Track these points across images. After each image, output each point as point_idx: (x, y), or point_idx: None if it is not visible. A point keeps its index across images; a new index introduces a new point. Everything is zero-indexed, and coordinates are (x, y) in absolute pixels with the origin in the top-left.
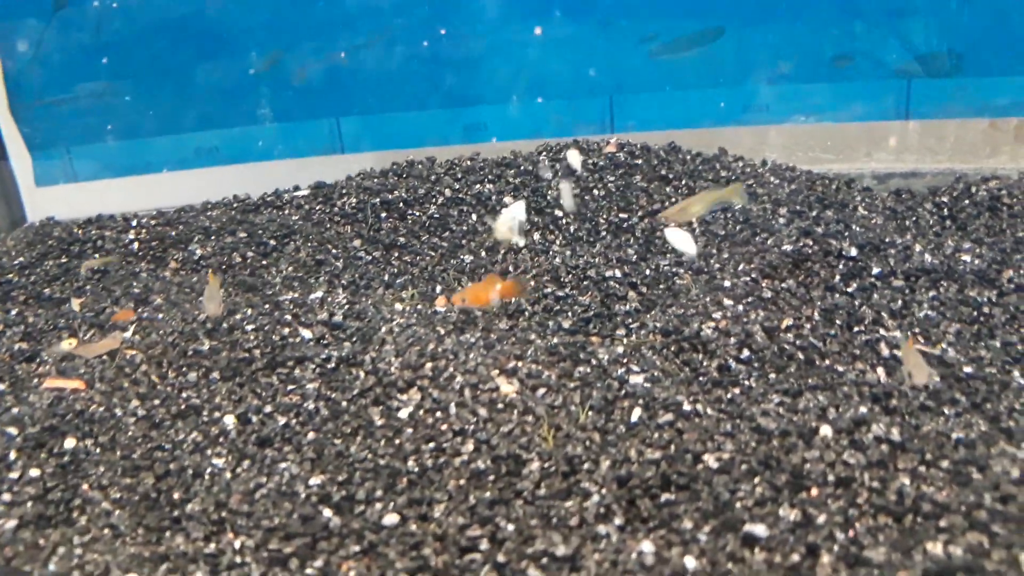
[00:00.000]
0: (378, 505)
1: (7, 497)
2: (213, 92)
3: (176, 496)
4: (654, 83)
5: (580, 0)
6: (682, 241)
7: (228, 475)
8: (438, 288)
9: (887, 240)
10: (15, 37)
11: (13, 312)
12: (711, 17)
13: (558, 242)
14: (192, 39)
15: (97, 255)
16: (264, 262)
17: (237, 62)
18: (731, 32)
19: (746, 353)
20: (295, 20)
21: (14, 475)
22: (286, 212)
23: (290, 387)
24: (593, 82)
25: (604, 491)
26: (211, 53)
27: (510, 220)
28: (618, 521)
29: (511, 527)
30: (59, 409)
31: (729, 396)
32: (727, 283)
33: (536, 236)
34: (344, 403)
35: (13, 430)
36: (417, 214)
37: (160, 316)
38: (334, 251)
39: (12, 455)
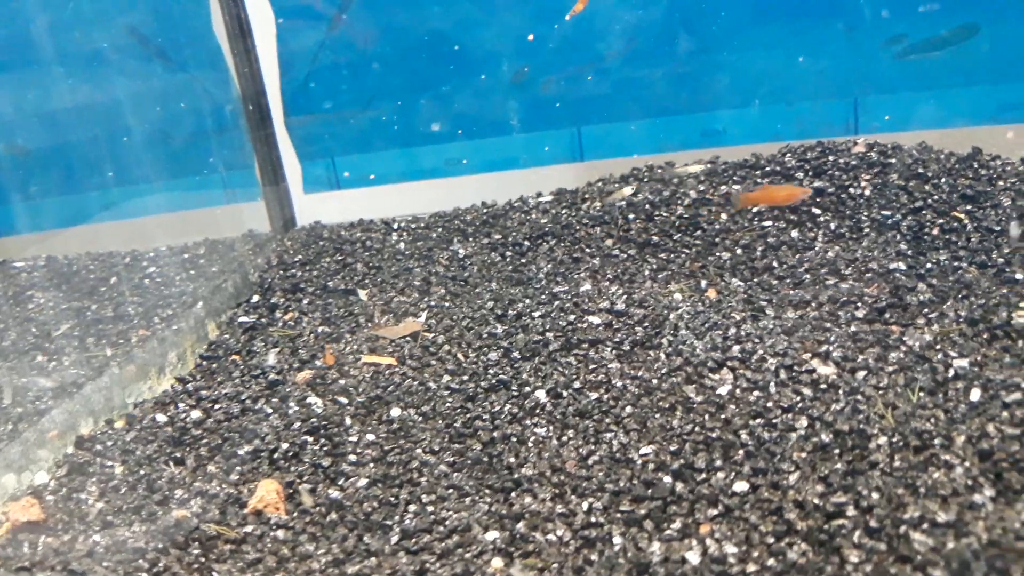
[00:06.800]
0: (720, 474)
1: (352, 458)
2: (463, 106)
3: (509, 461)
4: (901, 84)
5: (824, 2)
6: None
7: (555, 442)
8: (702, 283)
9: None
10: (292, 60)
11: (305, 301)
12: (964, 14)
13: (820, 238)
14: (444, 58)
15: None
16: (523, 260)
17: (487, 77)
18: (986, 29)
19: None
20: (541, 37)
21: (353, 438)
22: (533, 216)
23: (591, 366)
24: (837, 84)
25: (967, 463)
26: (462, 70)
27: None
28: (989, 492)
29: (875, 495)
30: (380, 382)
31: None
32: (1019, 276)
33: (794, 233)
34: (655, 381)
35: (344, 399)
36: (665, 215)
37: (447, 304)
38: (588, 250)
39: (348, 420)
